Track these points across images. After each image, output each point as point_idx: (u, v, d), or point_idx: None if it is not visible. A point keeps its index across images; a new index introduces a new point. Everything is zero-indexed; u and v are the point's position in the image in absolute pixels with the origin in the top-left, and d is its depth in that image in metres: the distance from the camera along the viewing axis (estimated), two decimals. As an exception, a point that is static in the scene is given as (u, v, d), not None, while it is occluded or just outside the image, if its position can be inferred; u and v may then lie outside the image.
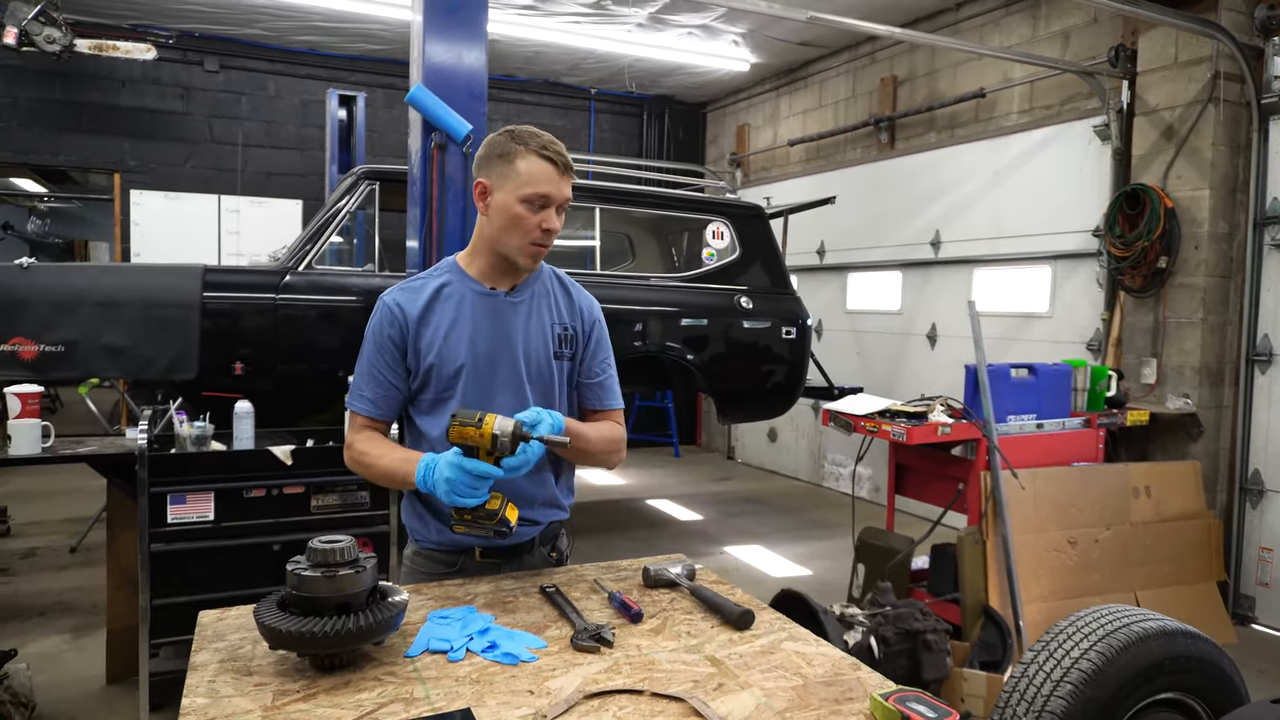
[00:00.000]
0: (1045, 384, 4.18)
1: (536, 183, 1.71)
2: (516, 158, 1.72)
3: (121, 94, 7.57)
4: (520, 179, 1.72)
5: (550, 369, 1.87)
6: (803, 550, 5.82)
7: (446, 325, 1.81)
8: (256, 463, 3.15)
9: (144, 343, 3.96)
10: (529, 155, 1.72)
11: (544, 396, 1.87)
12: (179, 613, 2.98)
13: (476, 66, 3.64)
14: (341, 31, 7.57)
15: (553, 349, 1.88)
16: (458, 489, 1.58)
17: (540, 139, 1.74)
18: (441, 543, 1.87)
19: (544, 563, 1.95)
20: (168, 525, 2.98)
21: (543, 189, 1.72)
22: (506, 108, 8.80)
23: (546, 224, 1.73)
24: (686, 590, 1.77)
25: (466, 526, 1.64)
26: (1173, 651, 2.24)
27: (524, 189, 1.72)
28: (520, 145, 1.73)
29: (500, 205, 1.75)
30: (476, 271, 1.85)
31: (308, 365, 4.35)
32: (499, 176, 1.74)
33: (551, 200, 1.73)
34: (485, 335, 1.82)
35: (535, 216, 1.73)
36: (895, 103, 7.10)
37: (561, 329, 1.90)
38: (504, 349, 1.82)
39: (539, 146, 1.72)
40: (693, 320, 5.22)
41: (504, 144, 1.75)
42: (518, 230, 1.75)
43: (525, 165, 1.72)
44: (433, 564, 1.89)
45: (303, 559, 1.41)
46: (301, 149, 8.21)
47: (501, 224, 1.76)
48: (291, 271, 4.34)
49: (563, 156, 1.74)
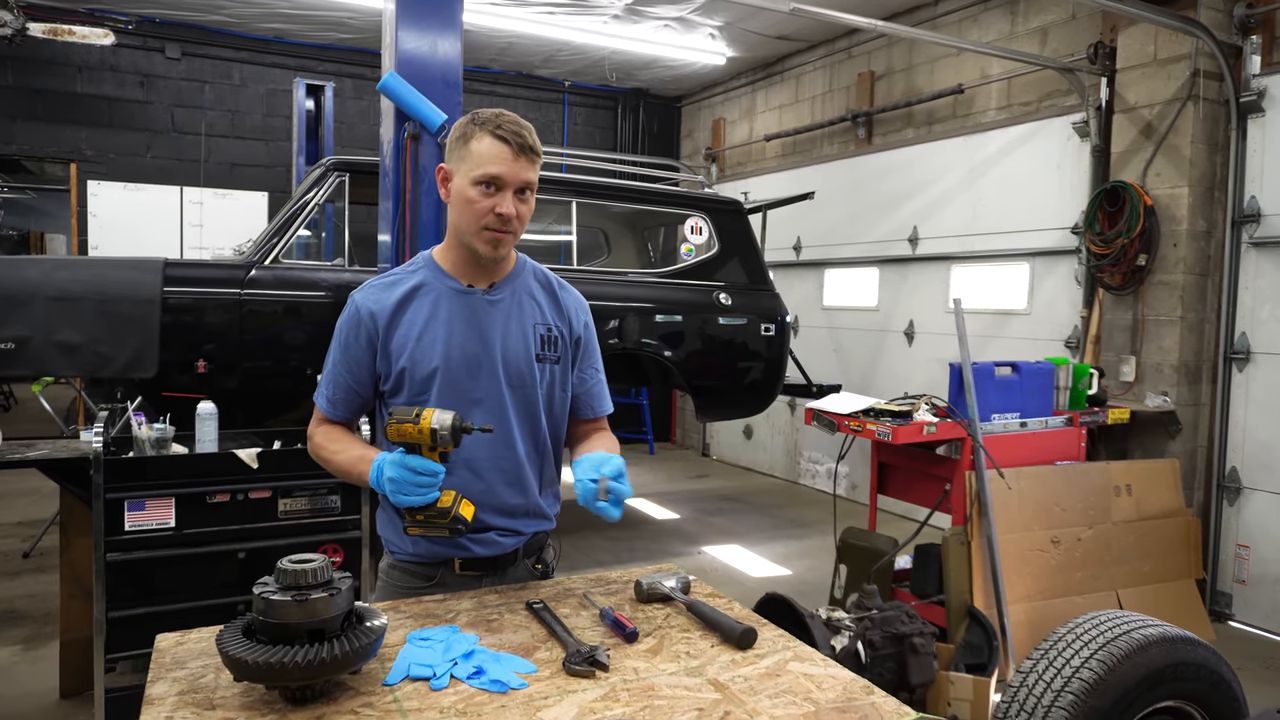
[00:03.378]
0: (1028, 382, 4.14)
1: (486, 163, 1.63)
2: (471, 139, 1.66)
3: (78, 81, 7.30)
4: (472, 160, 1.65)
5: (531, 371, 1.77)
6: (782, 549, 5.76)
7: (420, 326, 1.71)
8: (220, 466, 2.99)
9: (100, 339, 3.79)
10: (483, 136, 1.64)
11: (524, 400, 1.77)
12: (137, 625, 2.82)
13: (451, 53, 3.52)
14: (309, 19, 7.36)
15: (534, 350, 1.78)
16: (403, 488, 1.52)
17: (500, 119, 1.65)
18: (418, 554, 1.76)
19: (528, 575, 1.85)
20: (125, 533, 2.82)
21: (492, 169, 1.63)
22: (479, 100, 8.63)
23: (500, 208, 1.64)
24: (682, 605, 1.68)
25: (420, 528, 1.60)
26: (1174, 659, 2.20)
27: (475, 170, 1.64)
28: (477, 126, 1.66)
29: (456, 190, 1.69)
30: (451, 266, 1.76)
31: (274, 363, 4.21)
32: (456, 159, 1.69)
33: (504, 182, 1.64)
34: (461, 336, 1.71)
35: (488, 200, 1.65)
36: (873, 98, 7.06)
37: (545, 330, 1.80)
38: (481, 351, 1.72)
39: (494, 126, 1.64)
40: (671, 316, 5.14)
41: (463, 126, 1.69)
42: (470, 215, 1.67)
43: (478, 146, 1.64)
44: (410, 578, 1.78)
45: (270, 581, 1.30)
46: (267, 140, 7.98)
47: (457, 209, 1.70)
48: (257, 266, 4.19)
49: (519, 137, 1.64)
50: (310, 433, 1.80)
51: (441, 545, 1.73)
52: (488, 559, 1.76)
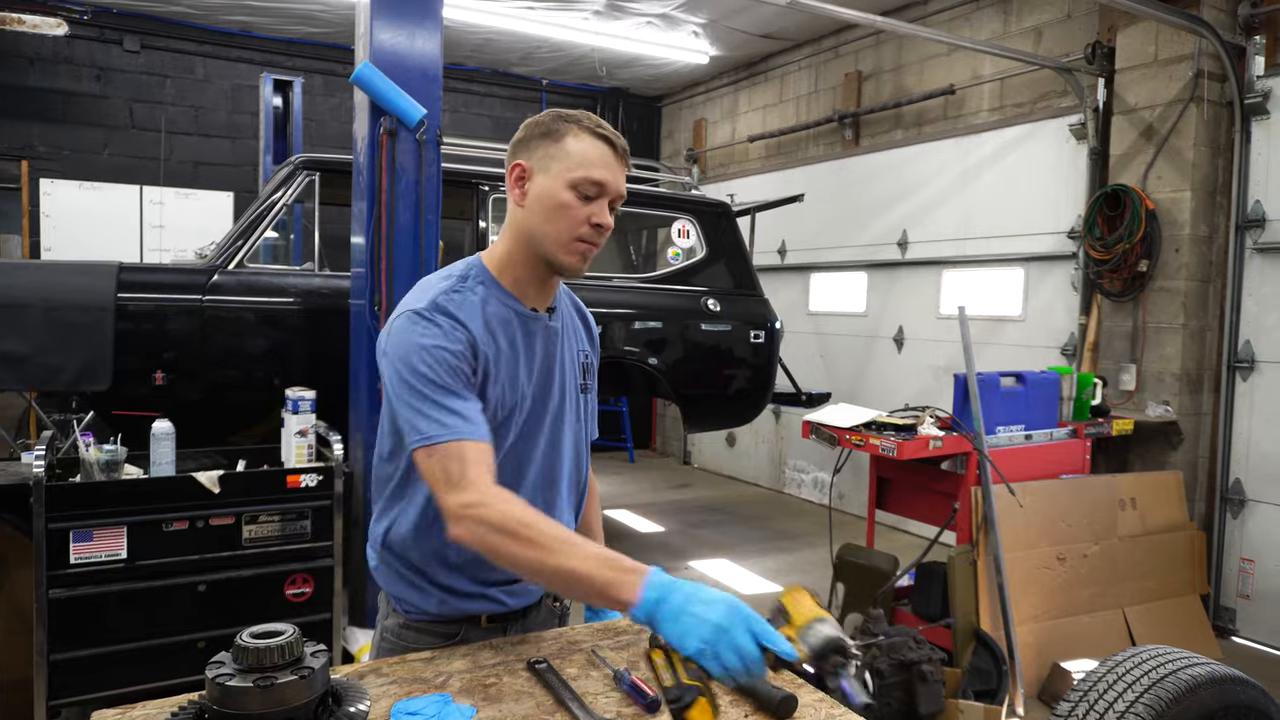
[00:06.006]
0: (1034, 393, 3.99)
1: (590, 165, 1.40)
2: (566, 135, 1.42)
3: (30, 73, 6.93)
4: (571, 160, 1.41)
5: (578, 406, 1.59)
6: (771, 564, 5.57)
7: (504, 356, 1.45)
8: (178, 491, 2.74)
9: (48, 349, 3.50)
10: (582, 134, 1.42)
11: (574, 439, 1.58)
12: (85, 666, 2.56)
13: (431, 43, 3.29)
14: (277, 12, 7.07)
15: (579, 381, 1.59)
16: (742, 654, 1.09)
17: (595, 119, 1.45)
18: (444, 614, 1.51)
19: (549, 616, 1.66)
20: (70, 566, 2.56)
21: (597, 174, 1.40)
22: (453, 97, 8.38)
23: (597, 218, 1.41)
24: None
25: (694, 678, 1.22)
26: (1225, 701, 2.03)
27: (575, 172, 1.40)
28: (572, 124, 1.43)
29: (542, 192, 1.42)
30: (513, 284, 1.49)
31: (239, 373, 3.96)
32: (542, 158, 1.43)
33: (606, 190, 1.42)
34: (537, 369, 1.49)
35: (585, 208, 1.41)
36: (860, 99, 6.91)
37: (584, 357, 1.61)
38: (553, 386, 1.52)
39: (594, 125, 1.43)
40: (657, 323, 4.93)
41: (549, 122, 1.44)
42: (563, 222, 1.41)
43: (577, 145, 1.41)
44: (429, 638, 1.52)
45: (226, 660, 1.07)
46: (233, 137, 7.66)
47: (543, 214, 1.42)
48: (221, 270, 3.93)
49: (620, 140, 1.45)
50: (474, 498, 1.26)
51: (469, 602, 1.51)
52: (517, 609, 1.57)
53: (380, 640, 1.59)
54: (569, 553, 1.22)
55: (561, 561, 1.21)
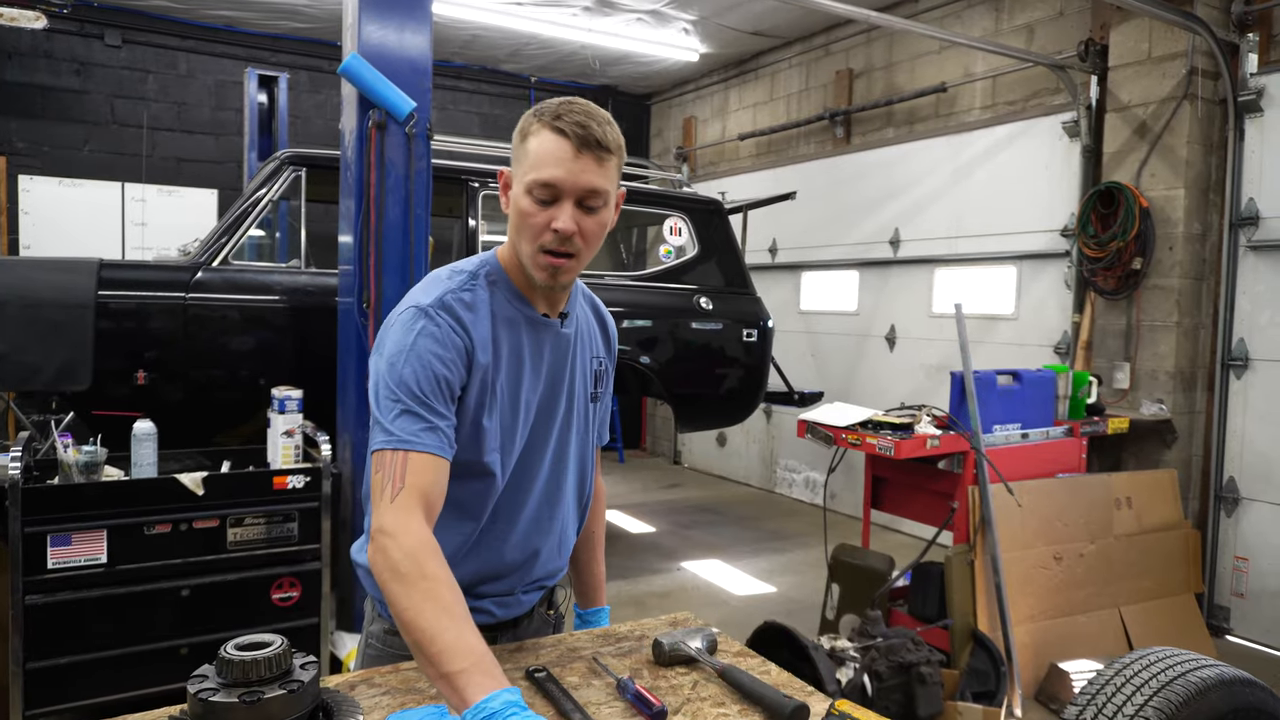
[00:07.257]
0: (1030, 392, 3.96)
1: (540, 165, 1.27)
2: (529, 134, 1.30)
3: (8, 68, 6.80)
4: (527, 162, 1.30)
5: (586, 415, 1.52)
6: (764, 564, 5.52)
7: (512, 365, 1.37)
8: (160, 493, 2.66)
9: (26, 348, 3.41)
10: (541, 129, 1.28)
11: (579, 450, 1.52)
12: (63, 675, 2.48)
13: (421, 35, 3.22)
14: (261, 6, 6.97)
15: (590, 389, 1.51)
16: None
17: (563, 107, 1.29)
18: None
19: (543, 624, 1.60)
20: (48, 571, 2.48)
21: (545, 174, 1.27)
22: (440, 94, 8.29)
23: (557, 223, 1.27)
24: (711, 670, 1.42)
25: None
26: (1235, 704, 1.99)
27: (528, 175, 1.29)
28: (536, 118, 1.30)
29: (513, 200, 1.33)
30: (523, 285, 1.41)
31: (224, 372, 3.87)
32: (515, 162, 1.34)
33: (561, 189, 1.27)
34: (544, 378, 1.42)
35: (544, 213, 1.28)
36: (851, 96, 6.88)
37: (598, 365, 1.53)
38: (560, 396, 1.45)
39: (553, 117, 1.27)
40: (648, 321, 4.88)
41: (524, 120, 1.33)
42: (525, 232, 1.31)
43: (535, 143, 1.29)
44: None
45: (209, 673, 1.00)
46: (217, 134, 7.55)
47: (514, 226, 1.34)
48: (204, 267, 3.84)
49: (582, 129, 1.26)
50: (394, 523, 1.18)
51: None
52: (508, 618, 1.51)
53: (365, 646, 1.53)
54: (447, 625, 1.11)
55: (434, 630, 1.11)
